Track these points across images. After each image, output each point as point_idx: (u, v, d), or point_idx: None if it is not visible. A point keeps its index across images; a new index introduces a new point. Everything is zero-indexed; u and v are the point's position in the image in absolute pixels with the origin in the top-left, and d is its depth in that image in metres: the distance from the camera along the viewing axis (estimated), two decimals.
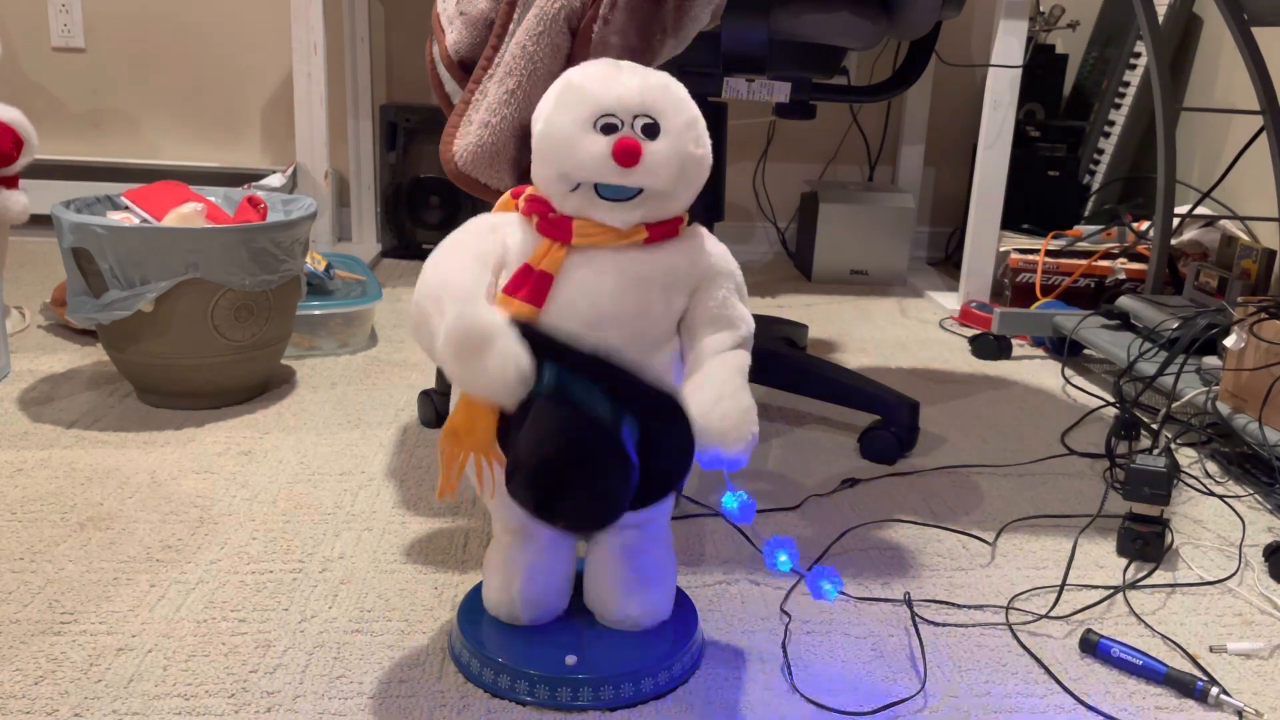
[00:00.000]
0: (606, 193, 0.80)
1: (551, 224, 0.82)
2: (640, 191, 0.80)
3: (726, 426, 0.79)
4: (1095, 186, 2.58)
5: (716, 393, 0.80)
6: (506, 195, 0.88)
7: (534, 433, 0.75)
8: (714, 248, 0.86)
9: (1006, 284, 2.21)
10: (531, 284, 0.80)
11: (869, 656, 0.94)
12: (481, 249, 0.82)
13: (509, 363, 0.73)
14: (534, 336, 0.76)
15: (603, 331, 0.81)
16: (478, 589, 0.95)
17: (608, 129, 0.79)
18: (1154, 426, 1.47)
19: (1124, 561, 1.15)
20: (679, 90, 0.82)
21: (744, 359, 0.84)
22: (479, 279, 0.79)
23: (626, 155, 0.78)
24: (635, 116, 0.79)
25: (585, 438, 0.74)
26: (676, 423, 0.77)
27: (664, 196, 0.81)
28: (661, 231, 0.83)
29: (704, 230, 0.87)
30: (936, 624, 1.00)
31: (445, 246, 0.82)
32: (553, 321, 0.81)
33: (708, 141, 0.83)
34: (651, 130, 0.80)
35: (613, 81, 0.80)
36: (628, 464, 0.76)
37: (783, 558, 0.86)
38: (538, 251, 0.81)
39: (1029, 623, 1.01)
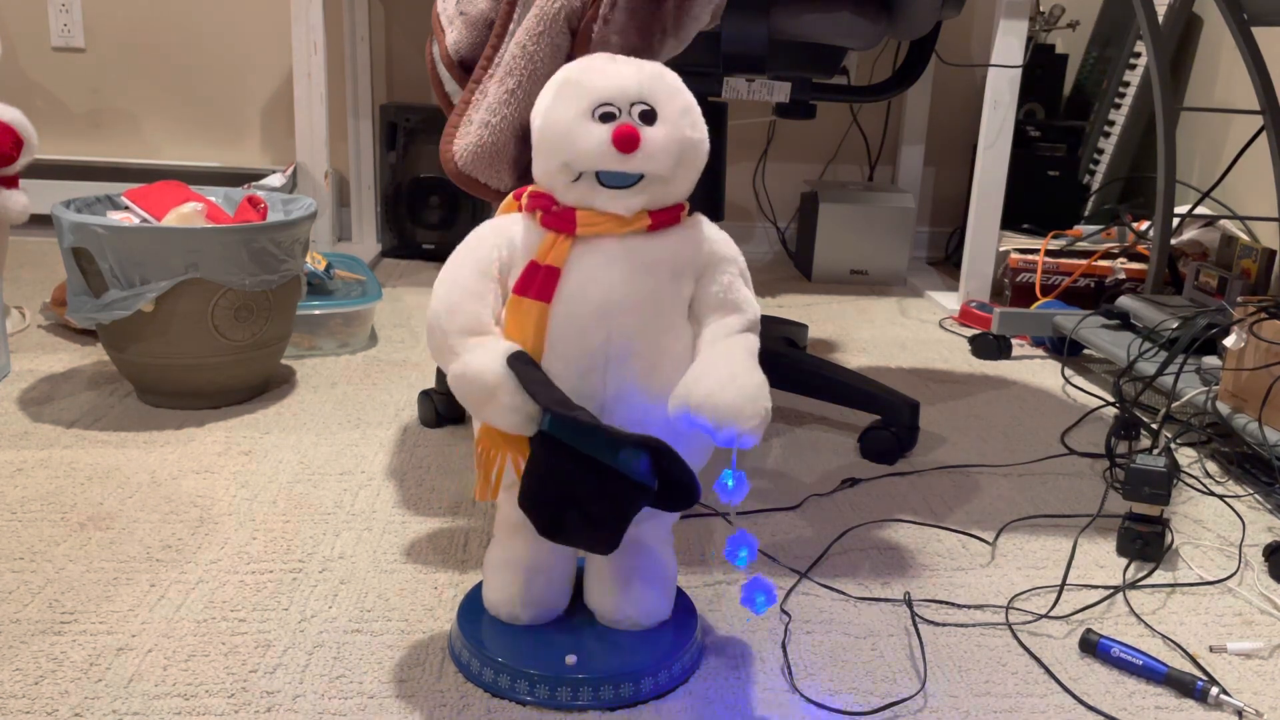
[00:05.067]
0: (608, 180, 0.81)
1: (555, 217, 0.83)
2: (641, 177, 0.81)
3: (742, 401, 0.79)
4: (1095, 186, 2.58)
5: (730, 370, 0.80)
6: (509, 199, 0.88)
7: (533, 474, 0.80)
8: (715, 234, 0.87)
9: (1006, 284, 2.21)
10: (540, 280, 0.81)
11: (869, 656, 0.94)
12: (484, 258, 0.84)
13: (509, 413, 0.79)
14: (534, 380, 0.79)
15: (617, 319, 0.82)
16: (478, 589, 0.95)
17: (606, 117, 0.80)
18: (1154, 426, 1.47)
19: (1124, 561, 1.15)
20: (673, 78, 0.84)
21: (753, 342, 0.85)
22: (483, 300, 0.83)
23: (626, 141, 0.79)
24: (632, 104, 0.81)
25: (579, 479, 0.78)
26: (674, 460, 0.79)
27: (664, 181, 0.82)
28: (664, 218, 0.84)
29: (704, 218, 0.88)
30: (936, 624, 1.00)
31: (450, 264, 0.85)
32: (566, 310, 0.82)
33: (704, 126, 0.85)
34: (649, 116, 0.81)
35: (609, 72, 0.82)
36: (630, 494, 0.79)
37: (743, 554, 0.86)
38: (543, 246, 0.82)
39: (1029, 623, 1.01)
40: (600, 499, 0.79)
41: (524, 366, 0.79)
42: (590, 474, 0.78)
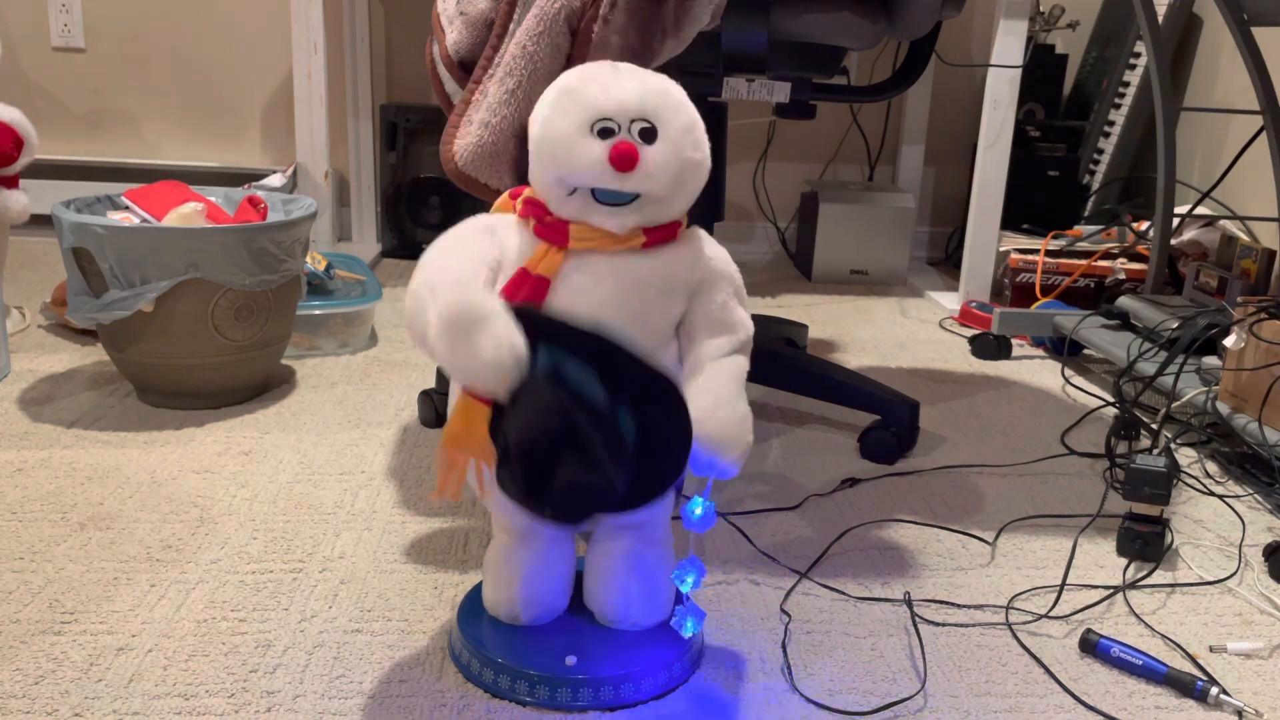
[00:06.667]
0: (603, 197, 0.79)
1: (549, 228, 0.81)
2: (637, 196, 0.80)
3: (724, 433, 0.79)
4: (1095, 186, 2.58)
5: (714, 400, 0.80)
6: (505, 195, 0.87)
7: (525, 414, 0.74)
8: (713, 251, 0.86)
9: (1006, 284, 2.21)
10: (529, 287, 0.80)
11: (869, 656, 0.94)
12: (480, 248, 0.82)
13: (502, 344, 0.72)
14: (529, 320, 0.75)
15: None
16: (478, 589, 0.95)
17: (605, 133, 0.78)
18: (1154, 426, 1.47)
19: (1124, 561, 1.15)
20: (677, 93, 0.81)
21: (742, 365, 0.84)
22: (476, 269, 0.79)
23: (623, 160, 0.77)
24: (633, 120, 0.79)
25: (577, 420, 0.73)
26: (674, 410, 0.77)
27: (661, 201, 0.81)
28: (659, 236, 0.82)
29: (703, 233, 0.87)
30: (936, 624, 1.00)
31: (442, 243, 0.82)
32: None
33: (706, 145, 0.82)
34: (649, 134, 0.79)
35: (610, 85, 0.79)
36: (620, 451, 0.75)
37: (689, 579, 0.86)
38: (535, 255, 0.81)
39: (1029, 623, 1.01)
40: (594, 450, 0.73)
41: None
42: (582, 418, 0.73)
